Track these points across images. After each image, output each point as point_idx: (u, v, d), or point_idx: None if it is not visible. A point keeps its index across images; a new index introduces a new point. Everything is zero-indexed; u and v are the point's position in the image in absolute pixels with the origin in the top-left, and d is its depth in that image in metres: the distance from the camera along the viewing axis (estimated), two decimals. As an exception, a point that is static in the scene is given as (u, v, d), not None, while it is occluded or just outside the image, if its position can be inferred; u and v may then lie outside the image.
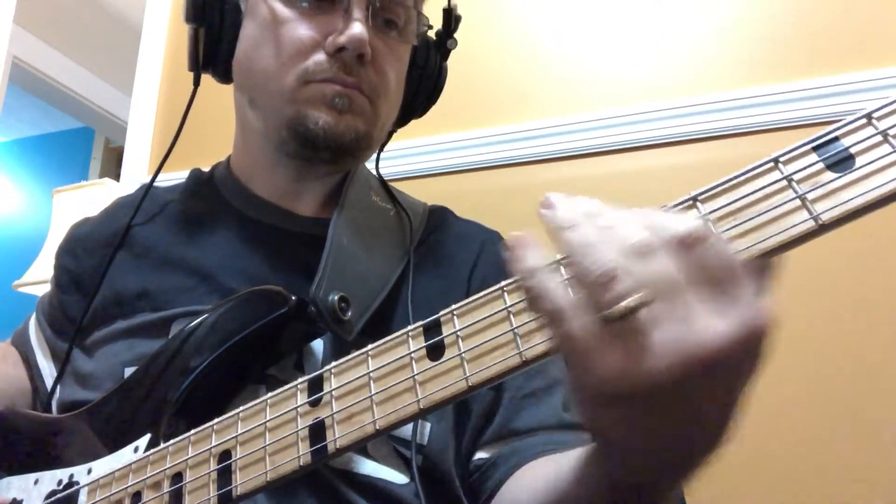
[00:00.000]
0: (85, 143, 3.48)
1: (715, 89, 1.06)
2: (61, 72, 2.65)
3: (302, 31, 0.61)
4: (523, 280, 0.33)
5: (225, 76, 0.69)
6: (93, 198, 1.64)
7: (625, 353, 0.30)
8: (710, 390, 0.30)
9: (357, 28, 0.60)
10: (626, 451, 0.36)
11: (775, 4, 1.06)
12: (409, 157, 1.20)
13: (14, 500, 0.55)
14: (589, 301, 0.30)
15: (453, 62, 0.76)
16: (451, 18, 0.72)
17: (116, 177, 1.69)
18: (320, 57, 0.61)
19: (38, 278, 1.70)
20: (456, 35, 0.74)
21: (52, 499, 0.53)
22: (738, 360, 0.29)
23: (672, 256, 0.30)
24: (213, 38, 0.66)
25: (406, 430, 0.57)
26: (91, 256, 0.70)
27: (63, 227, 1.68)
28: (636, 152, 1.09)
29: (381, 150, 0.76)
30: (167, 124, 1.55)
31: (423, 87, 0.74)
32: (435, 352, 0.38)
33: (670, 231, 0.30)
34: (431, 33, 0.74)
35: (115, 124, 2.93)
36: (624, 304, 0.29)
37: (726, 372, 0.30)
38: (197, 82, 0.70)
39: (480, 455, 0.62)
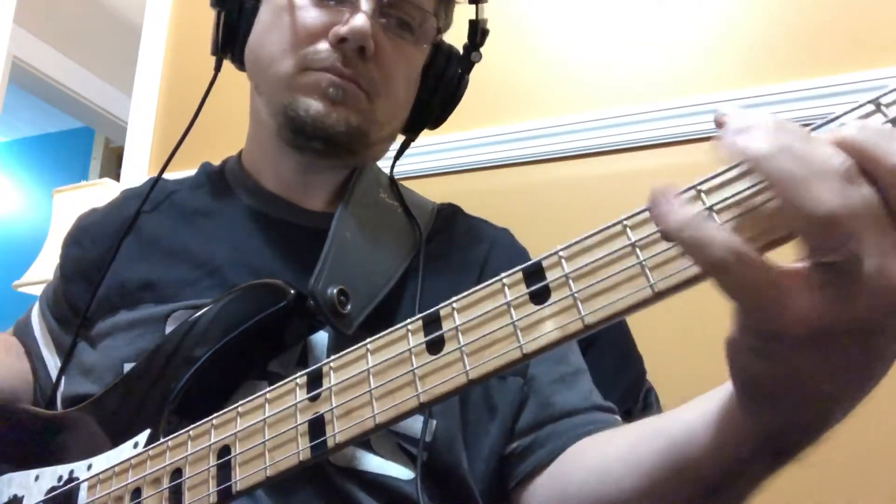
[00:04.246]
0: (85, 143, 3.48)
1: (715, 89, 1.06)
2: (61, 72, 2.66)
3: (309, 18, 0.61)
4: (678, 233, 0.29)
5: (242, 62, 0.69)
6: (93, 198, 1.64)
7: (831, 296, 0.27)
8: None
9: (359, 20, 0.59)
10: (778, 399, 0.33)
11: (775, 4, 1.06)
12: (409, 157, 1.19)
13: (15, 496, 0.55)
14: (802, 245, 0.27)
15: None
16: (477, 31, 0.71)
17: (116, 177, 1.70)
18: (322, 46, 0.61)
19: (38, 278, 1.70)
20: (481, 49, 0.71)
21: (52, 494, 0.52)
22: None
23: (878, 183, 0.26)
24: (232, 23, 0.67)
25: (410, 428, 0.57)
26: (97, 246, 0.69)
27: (63, 228, 1.68)
28: (636, 152, 1.09)
29: (397, 156, 0.76)
30: (167, 124, 1.55)
31: (439, 96, 0.71)
32: (435, 345, 0.37)
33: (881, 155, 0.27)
34: (459, 45, 0.72)
35: (115, 124, 2.93)
36: (850, 250, 0.25)
37: None
38: (218, 67, 0.70)
39: (515, 444, 0.61)
